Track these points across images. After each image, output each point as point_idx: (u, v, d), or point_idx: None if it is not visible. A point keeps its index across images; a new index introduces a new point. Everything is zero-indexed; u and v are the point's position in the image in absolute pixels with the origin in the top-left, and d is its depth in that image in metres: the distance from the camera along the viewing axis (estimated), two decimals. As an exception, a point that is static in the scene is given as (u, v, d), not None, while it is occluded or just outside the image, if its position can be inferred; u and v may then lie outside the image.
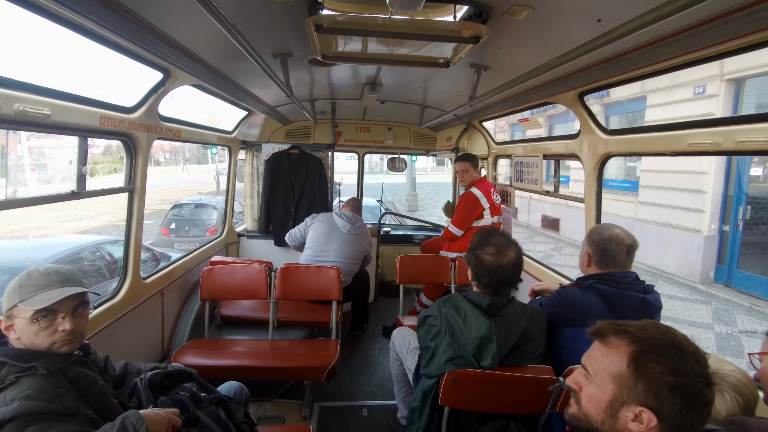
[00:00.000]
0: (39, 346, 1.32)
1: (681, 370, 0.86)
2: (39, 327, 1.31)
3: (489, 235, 1.95)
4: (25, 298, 1.30)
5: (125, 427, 1.23)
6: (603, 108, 12.03)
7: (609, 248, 1.91)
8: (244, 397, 2.01)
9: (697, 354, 0.89)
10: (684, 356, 0.87)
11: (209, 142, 3.85)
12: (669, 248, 9.11)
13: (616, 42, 1.50)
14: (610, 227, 1.98)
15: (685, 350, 0.88)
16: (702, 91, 8.44)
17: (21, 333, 1.32)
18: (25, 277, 1.34)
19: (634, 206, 10.53)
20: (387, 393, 3.18)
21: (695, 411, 0.86)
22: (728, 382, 1.21)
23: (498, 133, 17.89)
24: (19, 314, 1.31)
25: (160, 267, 3.10)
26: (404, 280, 3.48)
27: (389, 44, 2.00)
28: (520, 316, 1.83)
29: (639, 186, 10.46)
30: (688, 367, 0.86)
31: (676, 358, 0.87)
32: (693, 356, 0.88)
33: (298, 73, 2.89)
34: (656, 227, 9.62)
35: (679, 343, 0.89)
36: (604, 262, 1.93)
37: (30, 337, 1.31)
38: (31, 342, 1.32)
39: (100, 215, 16.77)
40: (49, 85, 1.73)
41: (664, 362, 0.87)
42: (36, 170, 20.99)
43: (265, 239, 4.65)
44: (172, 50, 1.98)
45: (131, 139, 2.41)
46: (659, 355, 0.88)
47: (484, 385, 1.76)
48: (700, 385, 0.86)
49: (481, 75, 2.53)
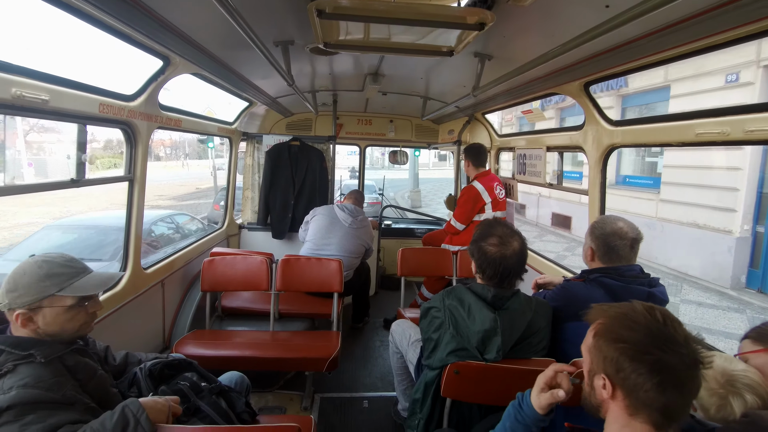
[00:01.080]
0: (65, 331, 1.35)
1: (629, 338, 0.91)
2: (76, 312, 1.35)
3: (492, 226, 1.93)
4: (64, 286, 1.33)
5: (125, 415, 1.22)
6: (619, 99, 11.35)
7: (613, 243, 1.88)
8: (245, 387, 2.00)
9: (656, 325, 0.90)
10: (635, 326, 0.91)
11: (210, 133, 3.83)
12: (695, 250, 8.46)
13: (623, 28, 1.47)
14: (612, 220, 1.94)
15: (638, 321, 0.92)
16: (735, 78, 7.71)
17: (50, 321, 1.32)
18: (46, 268, 1.32)
19: (654, 204, 9.92)
20: (388, 385, 3.18)
21: (650, 378, 0.87)
22: (743, 384, 1.19)
23: (505, 126, 17.45)
24: (54, 303, 1.32)
25: (161, 257, 3.08)
26: (405, 272, 3.47)
27: (392, 32, 1.97)
28: (525, 309, 1.81)
29: (661, 183, 9.80)
30: (637, 337, 0.90)
31: (626, 328, 0.92)
32: (646, 327, 0.91)
33: (299, 63, 2.85)
34: (680, 227, 8.98)
35: (634, 315, 0.93)
36: (608, 257, 1.90)
37: (60, 324, 1.33)
38: (61, 328, 1.34)
39: (91, 212, 15.74)
40: (48, 71, 1.71)
41: (616, 331, 0.93)
42: (33, 165, 20.52)
43: (266, 231, 4.64)
44: (173, 37, 1.95)
45: (131, 127, 2.38)
46: (614, 326, 0.94)
47: (487, 377, 1.75)
48: (654, 353, 0.88)
49: (485, 64, 2.49)
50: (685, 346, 0.87)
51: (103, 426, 1.18)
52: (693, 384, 0.87)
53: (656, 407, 0.88)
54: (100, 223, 6.86)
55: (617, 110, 11.50)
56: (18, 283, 1.28)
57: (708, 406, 1.20)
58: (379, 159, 33.85)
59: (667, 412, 0.88)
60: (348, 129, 5.47)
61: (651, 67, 1.94)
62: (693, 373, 0.87)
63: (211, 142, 14.59)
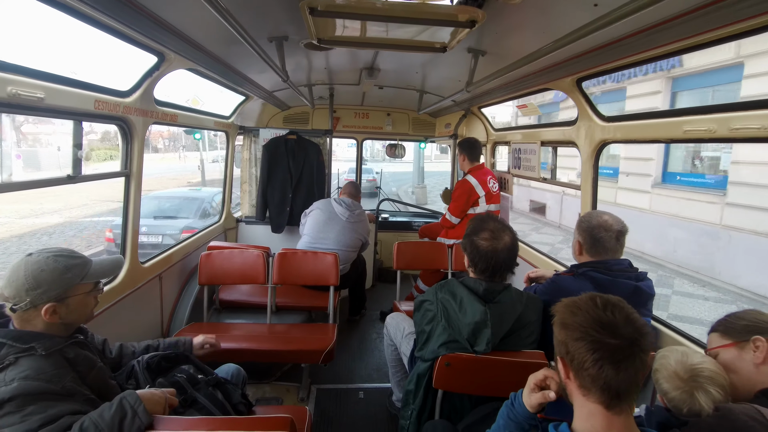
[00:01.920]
0: (83, 316, 1.46)
1: (572, 322, 1.00)
2: (92, 297, 1.48)
3: (484, 221, 1.96)
4: (84, 274, 1.42)
5: (123, 407, 1.26)
6: (668, 83, 9.70)
7: (598, 235, 1.93)
8: (241, 379, 2.05)
9: (595, 311, 0.98)
10: (578, 312, 1.00)
11: (206, 127, 3.83)
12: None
13: (612, 26, 1.48)
14: (598, 214, 2.00)
15: (580, 307, 1.01)
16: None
17: (73, 309, 1.40)
18: (63, 262, 1.38)
19: (718, 209, 8.30)
20: (383, 376, 3.23)
21: (589, 355, 0.95)
22: (705, 377, 1.23)
23: (520, 117, 16.13)
24: (78, 291, 1.41)
25: (159, 251, 3.11)
26: (402, 266, 3.51)
27: (386, 29, 1.98)
28: (515, 303, 1.85)
29: (727, 182, 8.23)
30: (579, 320, 0.99)
31: (571, 314, 1.01)
32: (586, 312, 0.99)
33: (294, 58, 2.86)
34: (755, 237, 7.41)
35: (578, 303, 1.03)
36: (595, 249, 1.95)
37: (80, 311, 1.44)
38: (80, 315, 1.44)
39: (67, 209, 14.71)
40: (43, 69, 1.72)
41: (565, 317, 1.03)
42: (22, 157, 18.92)
43: (264, 225, 4.66)
44: (167, 33, 1.95)
45: (127, 123, 2.40)
46: (564, 313, 1.04)
47: (477, 369, 1.79)
48: (592, 334, 0.96)
49: (478, 60, 2.50)
50: (622, 328, 0.95)
51: (101, 417, 1.22)
52: (630, 363, 0.93)
53: (599, 385, 0.95)
54: (177, 194, 9.98)
55: (665, 96, 9.78)
56: (39, 280, 1.32)
57: (680, 405, 1.24)
58: (380, 151, 33.70)
59: (609, 389, 0.94)
60: (345, 122, 5.46)
61: (644, 63, 1.96)
62: (629, 351, 0.93)
63: (198, 133, 14.23)
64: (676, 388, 1.25)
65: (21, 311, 1.32)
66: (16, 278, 1.31)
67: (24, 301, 1.31)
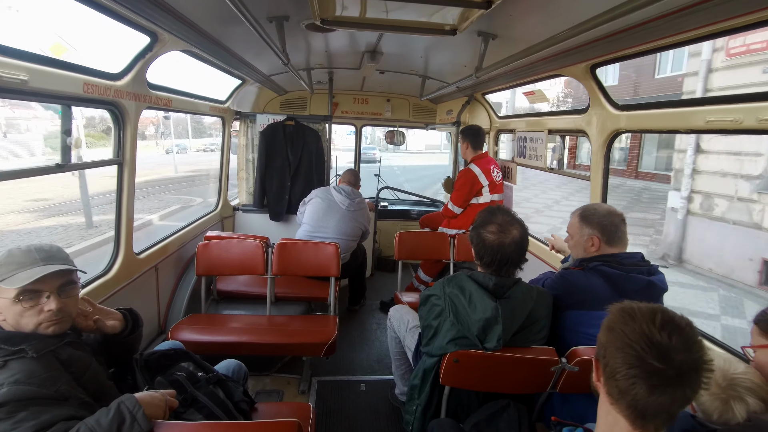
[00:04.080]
0: (25, 327, 1.27)
1: (621, 329, 0.92)
2: (22, 307, 1.25)
3: (492, 213, 1.89)
4: (5, 277, 1.24)
5: (121, 412, 1.19)
6: None
7: (613, 224, 1.88)
8: (242, 375, 1.99)
9: (649, 327, 0.89)
10: (630, 322, 0.92)
11: (201, 112, 3.71)
12: None
13: (636, 12, 1.39)
14: (599, 204, 1.99)
15: (635, 318, 0.93)
16: None
17: (6, 314, 1.26)
18: (5, 256, 1.26)
19: None
20: (384, 368, 3.20)
21: (625, 367, 0.89)
22: (745, 387, 1.18)
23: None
24: (2, 294, 1.25)
25: (154, 242, 3.02)
26: (403, 256, 3.44)
27: (390, 8, 1.87)
28: (526, 298, 1.80)
29: None
30: (628, 330, 0.91)
31: (622, 322, 0.93)
32: (639, 326, 0.90)
33: (294, 40, 2.73)
34: None
35: (634, 312, 0.94)
36: (613, 240, 1.89)
37: (15, 318, 1.26)
38: (17, 323, 1.26)
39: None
40: (27, 49, 1.61)
41: (614, 322, 0.95)
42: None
43: (261, 213, 4.56)
44: (160, 11, 1.83)
45: (118, 108, 2.28)
46: (615, 318, 0.96)
47: (487, 365, 1.74)
48: (637, 349, 0.88)
49: (488, 44, 2.39)
50: (674, 354, 0.85)
51: (98, 424, 1.15)
52: (668, 391, 0.85)
53: (627, 400, 0.89)
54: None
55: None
56: None
57: (710, 411, 1.19)
58: (380, 139, 31.45)
59: (636, 407, 0.88)
60: (344, 108, 5.34)
61: (665, 50, 1.87)
62: (672, 381, 0.85)
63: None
64: (711, 394, 1.20)
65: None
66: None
67: None
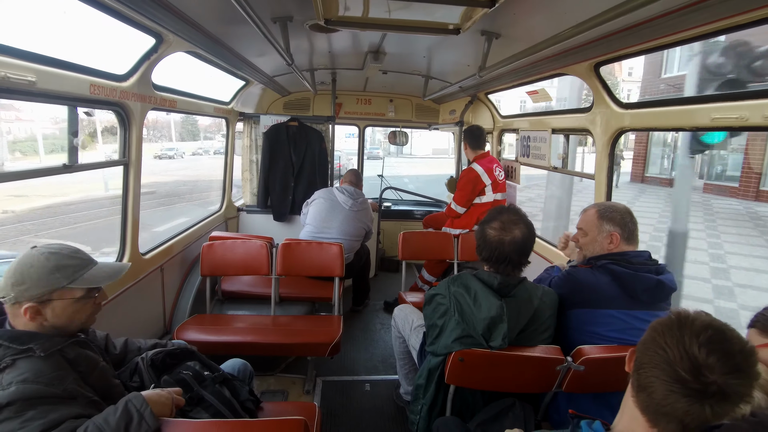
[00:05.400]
0: (75, 323, 1.35)
1: (661, 329, 0.91)
2: (84, 304, 1.35)
3: (500, 211, 1.90)
4: (74, 278, 1.31)
5: (129, 410, 1.20)
6: None
7: (633, 220, 1.91)
8: (248, 374, 1.99)
9: (691, 337, 0.87)
10: (680, 327, 0.89)
11: (205, 113, 3.72)
12: None
13: (642, 9, 1.39)
14: (615, 203, 1.98)
15: (685, 325, 0.89)
16: None
17: (59, 313, 1.29)
18: (54, 260, 1.29)
19: None
20: (389, 368, 3.20)
21: (651, 365, 0.88)
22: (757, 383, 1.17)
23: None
24: (65, 295, 1.30)
25: (159, 242, 3.04)
26: (407, 256, 3.44)
27: (392, 8, 1.87)
28: (531, 297, 1.80)
29: None
30: (667, 328, 0.90)
31: (668, 325, 0.91)
32: (680, 332, 0.88)
33: (297, 40, 2.74)
34: None
35: (687, 320, 0.91)
36: (632, 238, 1.90)
37: (69, 317, 1.32)
38: (69, 321, 1.32)
39: None
40: (34, 50, 1.62)
41: (655, 326, 0.93)
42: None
43: (265, 214, 4.58)
44: (165, 12, 1.84)
45: (124, 109, 2.29)
46: (670, 318, 0.93)
47: (492, 364, 1.74)
48: (669, 352, 0.87)
49: (492, 44, 2.39)
50: (702, 374, 0.83)
51: (106, 422, 1.16)
52: (679, 401, 0.84)
53: (644, 396, 0.89)
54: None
55: None
56: (25, 276, 1.24)
57: None
58: (381, 142, 26.52)
59: (650, 405, 0.88)
60: (347, 108, 5.35)
61: (670, 47, 1.87)
62: (688, 393, 0.84)
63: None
64: None
65: (9, 305, 1.25)
66: (8, 269, 1.25)
67: (9, 295, 1.24)
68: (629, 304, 1.78)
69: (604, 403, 1.81)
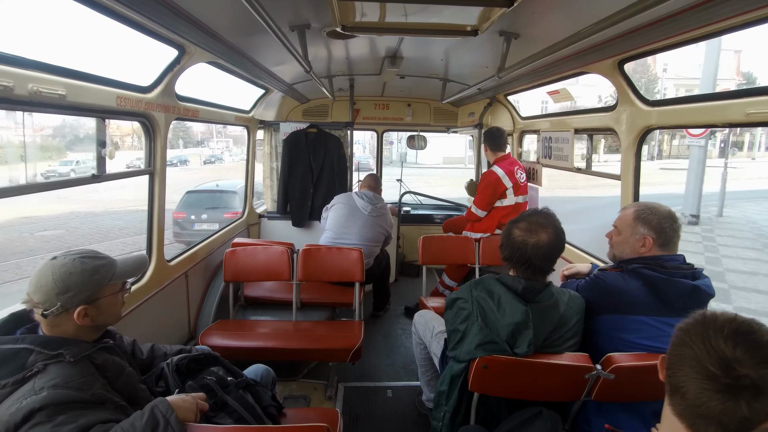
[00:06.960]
0: (113, 317, 1.44)
1: (696, 332, 0.89)
2: (120, 296, 1.46)
3: (531, 213, 1.85)
4: (111, 274, 1.40)
5: (155, 416, 1.22)
6: None
7: (671, 226, 1.78)
8: (270, 380, 2.00)
9: (733, 348, 0.83)
10: (720, 335, 0.87)
11: (227, 122, 3.80)
12: None
13: (666, 3, 1.34)
14: (658, 205, 1.84)
15: (706, 324, 0.89)
16: None
17: (104, 310, 1.38)
18: (90, 263, 1.35)
19: None
20: (411, 374, 3.16)
21: (682, 366, 0.87)
22: None
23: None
24: (107, 292, 1.39)
25: (184, 249, 3.10)
26: (427, 261, 3.41)
27: (409, 11, 1.86)
28: (557, 302, 1.74)
29: None
30: (707, 333, 0.88)
31: (693, 326, 0.92)
32: (723, 343, 0.85)
33: (315, 48, 2.77)
34: None
35: (739, 325, 0.87)
36: (668, 245, 1.78)
37: (111, 310, 1.42)
38: (111, 315, 1.42)
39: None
40: (64, 65, 1.68)
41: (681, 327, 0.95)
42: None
43: (286, 220, 4.63)
44: (187, 25, 1.89)
45: (149, 119, 2.36)
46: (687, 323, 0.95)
47: (517, 372, 1.69)
48: (701, 361, 0.85)
49: (510, 44, 2.36)
50: (732, 368, 0.80)
51: (133, 427, 1.18)
52: (713, 399, 0.81)
53: (677, 399, 0.87)
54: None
55: None
56: (69, 284, 1.29)
57: None
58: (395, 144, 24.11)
59: (685, 407, 0.86)
60: (365, 114, 5.37)
61: (698, 41, 1.79)
62: (720, 389, 0.80)
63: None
64: None
65: (52, 316, 1.28)
66: (44, 283, 1.28)
67: (55, 305, 1.27)
68: (662, 310, 1.70)
69: (636, 413, 1.73)
